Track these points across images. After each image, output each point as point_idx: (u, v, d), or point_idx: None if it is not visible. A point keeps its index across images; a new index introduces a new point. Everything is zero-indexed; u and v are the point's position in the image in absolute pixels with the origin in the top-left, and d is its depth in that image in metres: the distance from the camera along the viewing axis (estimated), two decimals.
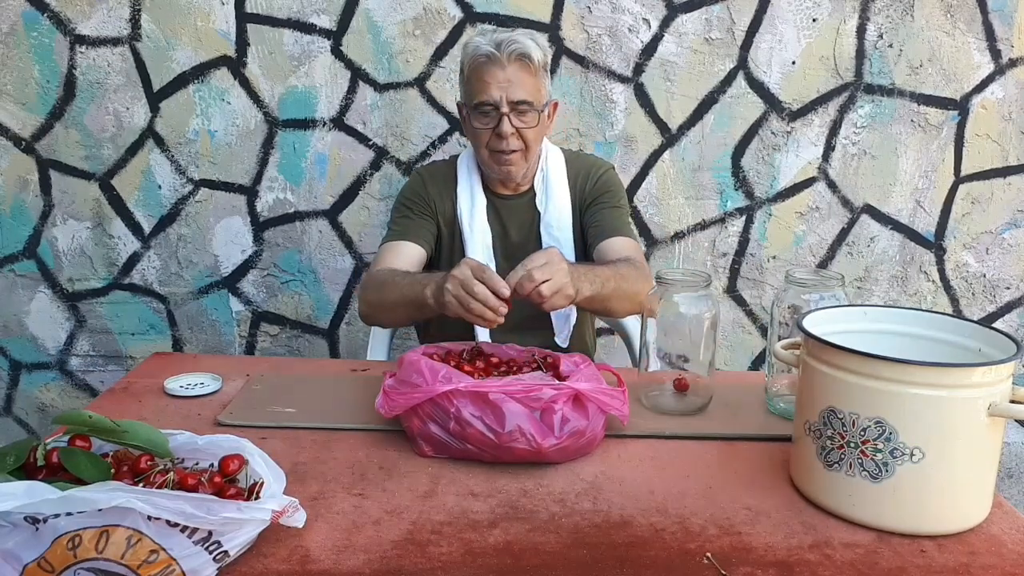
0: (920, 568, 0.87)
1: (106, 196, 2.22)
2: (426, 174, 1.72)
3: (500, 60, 1.50)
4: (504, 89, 1.51)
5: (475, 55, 1.52)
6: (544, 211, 1.65)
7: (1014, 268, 2.31)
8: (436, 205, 1.67)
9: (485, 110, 1.54)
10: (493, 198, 1.67)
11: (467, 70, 1.56)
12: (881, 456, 0.91)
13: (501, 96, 1.51)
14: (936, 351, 1.07)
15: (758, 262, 2.29)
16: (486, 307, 1.22)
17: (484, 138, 1.57)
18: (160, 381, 1.36)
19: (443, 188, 1.68)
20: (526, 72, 1.52)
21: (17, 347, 2.33)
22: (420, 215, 1.67)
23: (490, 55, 1.50)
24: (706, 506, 1.00)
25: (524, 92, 1.52)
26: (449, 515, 0.96)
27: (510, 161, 1.58)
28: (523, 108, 1.53)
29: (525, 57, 1.51)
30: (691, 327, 1.26)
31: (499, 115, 1.52)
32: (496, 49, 1.50)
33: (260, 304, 2.30)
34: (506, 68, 1.51)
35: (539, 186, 1.67)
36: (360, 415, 1.23)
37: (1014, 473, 2.46)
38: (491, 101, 1.52)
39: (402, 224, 1.66)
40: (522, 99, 1.52)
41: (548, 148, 1.69)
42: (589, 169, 1.70)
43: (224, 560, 0.81)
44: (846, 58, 2.16)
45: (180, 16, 2.10)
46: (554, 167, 1.68)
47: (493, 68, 1.51)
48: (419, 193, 1.68)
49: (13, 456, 0.87)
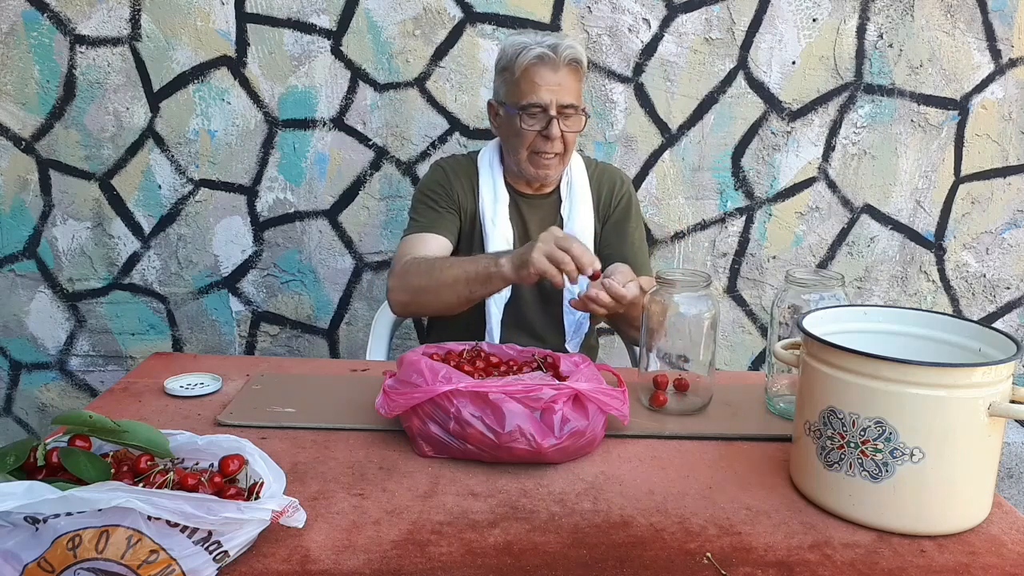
0: (920, 568, 0.87)
1: (106, 196, 2.22)
2: (448, 167, 1.70)
3: (555, 62, 1.51)
4: (555, 92, 1.51)
5: (527, 56, 1.51)
6: (568, 218, 1.65)
7: (1014, 268, 2.31)
8: (459, 199, 1.66)
9: (533, 112, 1.53)
10: (516, 196, 1.67)
11: (517, 71, 1.53)
12: (881, 456, 0.91)
13: (552, 99, 1.51)
14: (936, 351, 1.07)
15: (758, 262, 2.30)
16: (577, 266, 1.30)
17: (528, 139, 1.56)
18: (160, 381, 1.36)
19: (465, 182, 1.67)
20: (575, 77, 1.54)
21: (17, 347, 2.33)
22: (444, 208, 1.65)
23: (544, 56, 1.50)
24: (706, 506, 1.00)
25: (572, 96, 1.54)
26: (449, 515, 0.96)
27: (549, 165, 1.58)
28: (569, 112, 1.54)
29: (577, 62, 1.53)
30: (691, 327, 1.26)
31: (548, 117, 1.52)
32: (552, 51, 1.50)
33: (260, 304, 2.30)
34: (559, 71, 1.51)
35: (564, 191, 1.67)
36: (360, 415, 1.23)
37: (1014, 473, 2.46)
38: (542, 103, 1.52)
39: (427, 216, 1.64)
40: (571, 103, 1.53)
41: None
42: (613, 182, 1.70)
43: (224, 560, 0.81)
44: (846, 58, 2.16)
45: (180, 16, 2.10)
46: (578, 174, 1.68)
47: (545, 70, 1.51)
48: (443, 185, 1.67)
49: (13, 456, 0.87)
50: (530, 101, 1.53)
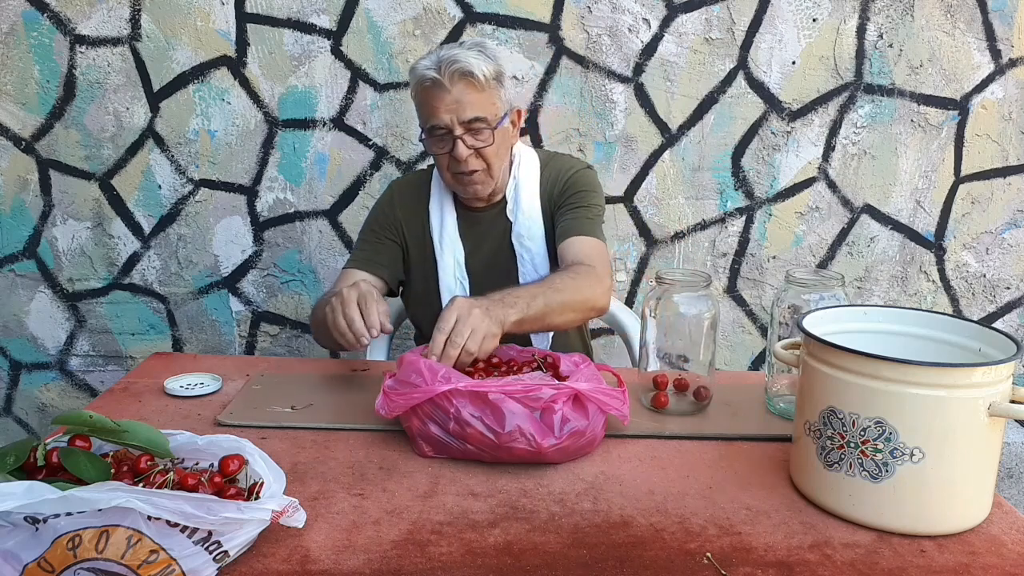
0: (920, 568, 0.87)
1: (106, 196, 2.22)
2: (397, 191, 1.68)
3: (442, 82, 1.44)
4: (453, 111, 1.45)
5: (420, 81, 1.46)
6: (515, 221, 1.60)
7: (1014, 268, 2.31)
8: (404, 227, 1.64)
9: (439, 134, 1.49)
10: (464, 212, 1.63)
11: (417, 97, 1.50)
12: (881, 456, 0.91)
13: (451, 118, 1.46)
14: (936, 351, 1.07)
15: (758, 262, 2.30)
16: (350, 329, 1.25)
17: (444, 162, 1.53)
18: (160, 381, 1.36)
19: (414, 205, 1.64)
20: (472, 89, 1.45)
21: (17, 347, 2.33)
22: (385, 239, 1.63)
23: (433, 80, 1.44)
24: (706, 506, 1.00)
25: (474, 110, 1.46)
26: (449, 515, 0.96)
27: (474, 181, 1.53)
28: (477, 126, 1.48)
29: (467, 75, 1.44)
30: (691, 327, 1.26)
31: (453, 138, 1.47)
32: (437, 72, 1.43)
33: (260, 304, 2.30)
34: (451, 90, 1.44)
35: (510, 195, 1.62)
36: (360, 415, 1.23)
37: (1014, 473, 2.46)
38: (442, 124, 1.47)
39: (364, 250, 1.63)
40: (473, 117, 1.46)
41: (522, 153, 1.63)
42: (559, 172, 1.63)
43: (224, 560, 0.81)
44: (846, 58, 2.16)
45: (180, 16, 2.10)
46: (526, 174, 1.62)
47: (438, 91, 1.45)
48: (387, 214, 1.64)
49: (13, 456, 0.87)
50: (432, 124, 1.48)
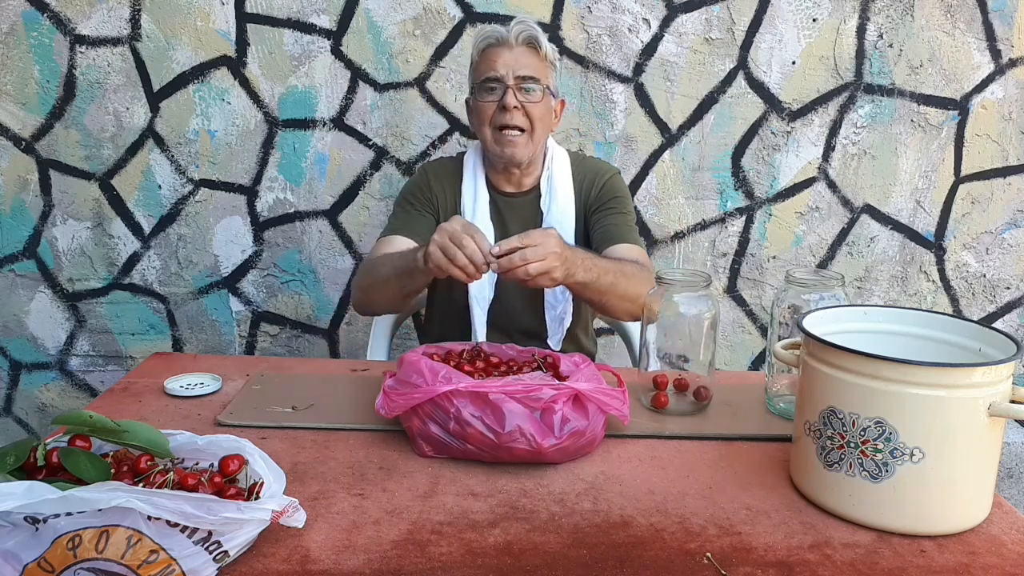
0: (920, 568, 0.87)
1: (106, 196, 2.22)
2: (431, 170, 1.72)
3: (508, 41, 1.54)
4: (510, 66, 1.54)
5: (485, 39, 1.56)
6: (547, 211, 1.65)
7: (1014, 268, 2.31)
8: (438, 200, 1.67)
9: (491, 87, 1.55)
10: (497, 196, 1.67)
11: (476, 56, 1.58)
12: (881, 456, 0.91)
13: (507, 71, 1.53)
14: (936, 351, 1.07)
15: (758, 262, 2.29)
16: (471, 261, 1.24)
17: (488, 113, 1.57)
18: (160, 381, 1.36)
19: (447, 184, 1.68)
20: (533, 54, 1.56)
21: (17, 347, 2.33)
22: (420, 210, 1.66)
23: (499, 37, 1.55)
24: (706, 506, 1.00)
25: (530, 70, 1.55)
26: (449, 515, 0.96)
27: (515, 142, 1.57)
28: (529, 85, 1.55)
29: (533, 40, 1.55)
30: (691, 327, 1.26)
31: (504, 88, 1.53)
32: (505, 33, 1.54)
33: (260, 304, 2.30)
34: (513, 49, 1.54)
35: (544, 186, 1.66)
36: (360, 415, 1.23)
37: (1014, 473, 2.46)
38: (496, 75, 1.54)
39: (401, 219, 1.66)
40: (528, 75, 1.54)
41: (554, 149, 1.69)
42: (596, 173, 1.69)
43: (224, 560, 0.81)
44: (846, 58, 2.16)
45: (180, 16, 2.10)
46: (559, 168, 1.67)
47: (500, 49, 1.55)
48: (422, 187, 1.68)
49: (13, 456, 0.87)
50: (486, 76, 1.55)
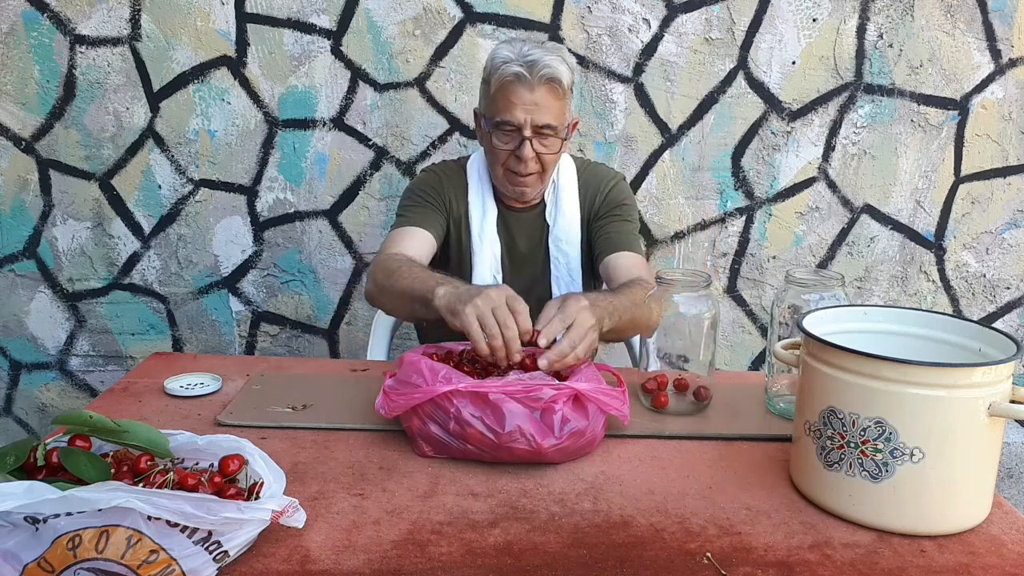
0: (920, 568, 0.87)
1: (106, 196, 2.22)
2: (441, 172, 1.69)
3: (530, 82, 1.44)
4: (530, 112, 1.46)
5: (504, 72, 1.45)
6: (553, 224, 1.64)
7: (1014, 268, 2.31)
8: (449, 201, 1.65)
9: (507, 130, 1.50)
10: (504, 210, 1.66)
11: (493, 86, 1.49)
12: (881, 456, 0.91)
13: (526, 119, 1.47)
14: (936, 351, 1.07)
15: (758, 262, 2.29)
16: (509, 348, 1.14)
17: (502, 157, 1.53)
18: (160, 381, 1.36)
19: (457, 190, 1.66)
20: (554, 96, 1.47)
21: (17, 347, 2.33)
22: (433, 206, 1.63)
23: (519, 75, 1.44)
24: (706, 506, 1.00)
25: (550, 117, 1.48)
26: (449, 515, 0.96)
27: (525, 183, 1.55)
28: (546, 132, 1.49)
29: (555, 81, 1.46)
30: (691, 327, 1.26)
31: (521, 138, 1.48)
32: (527, 70, 1.44)
33: (260, 304, 2.30)
34: (535, 91, 1.45)
35: (549, 198, 1.65)
36: (360, 415, 1.23)
37: (1014, 473, 2.46)
38: (515, 123, 1.48)
39: (415, 212, 1.62)
40: (547, 123, 1.48)
41: (561, 159, 1.65)
42: (600, 181, 1.67)
43: (224, 560, 0.81)
44: (846, 58, 2.16)
45: (180, 16, 2.10)
46: (565, 179, 1.65)
47: (521, 89, 1.45)
48: (434, 186, 1.65)
49: (13, 456, 0.87)
50: (503, 119, 1.48)
